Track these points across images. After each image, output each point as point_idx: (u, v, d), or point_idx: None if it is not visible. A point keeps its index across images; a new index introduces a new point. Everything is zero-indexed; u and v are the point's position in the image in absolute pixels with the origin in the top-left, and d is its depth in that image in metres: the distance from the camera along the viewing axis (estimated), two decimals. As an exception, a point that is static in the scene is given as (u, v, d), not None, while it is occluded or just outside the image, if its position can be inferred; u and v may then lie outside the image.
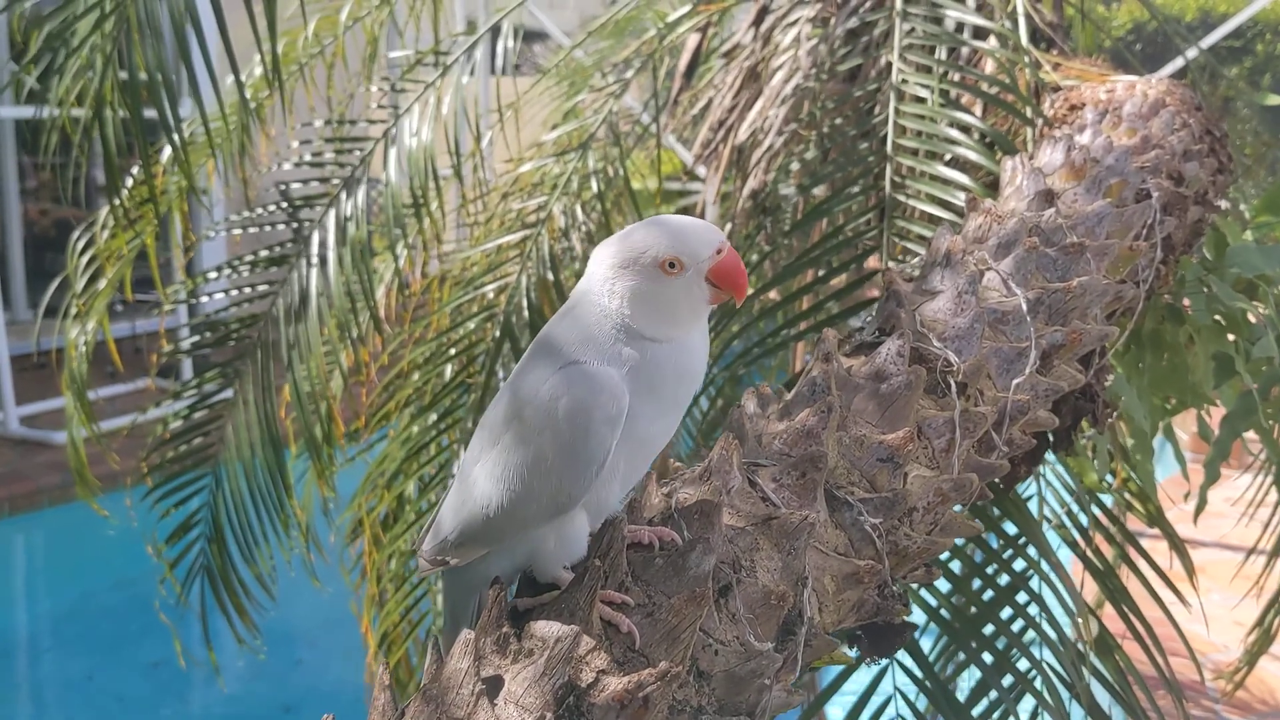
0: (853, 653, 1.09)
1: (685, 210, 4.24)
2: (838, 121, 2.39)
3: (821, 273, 2.09)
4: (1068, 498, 2.13)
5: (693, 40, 3.52)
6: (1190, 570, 2.13)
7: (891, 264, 1.63)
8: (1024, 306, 1.18)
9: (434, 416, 2.80)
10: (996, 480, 1.40)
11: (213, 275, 2.94)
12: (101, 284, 3.01)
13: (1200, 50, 3.58)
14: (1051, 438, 1.39)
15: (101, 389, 6.64)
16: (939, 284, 1.23)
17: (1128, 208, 1.44)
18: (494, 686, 0.79)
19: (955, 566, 1.95)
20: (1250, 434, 2.00)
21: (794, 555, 0.92)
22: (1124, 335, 1.47)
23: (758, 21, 3.08)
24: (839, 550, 0.96)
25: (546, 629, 0.81)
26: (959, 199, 1.83)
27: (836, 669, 1.82)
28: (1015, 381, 1.13)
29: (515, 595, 0.94)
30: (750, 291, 2.29)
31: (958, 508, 1.09)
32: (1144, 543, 2.36)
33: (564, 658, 0.78)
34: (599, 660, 0.81)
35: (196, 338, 3.00)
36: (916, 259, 1.46)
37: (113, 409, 5.98)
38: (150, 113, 1.97)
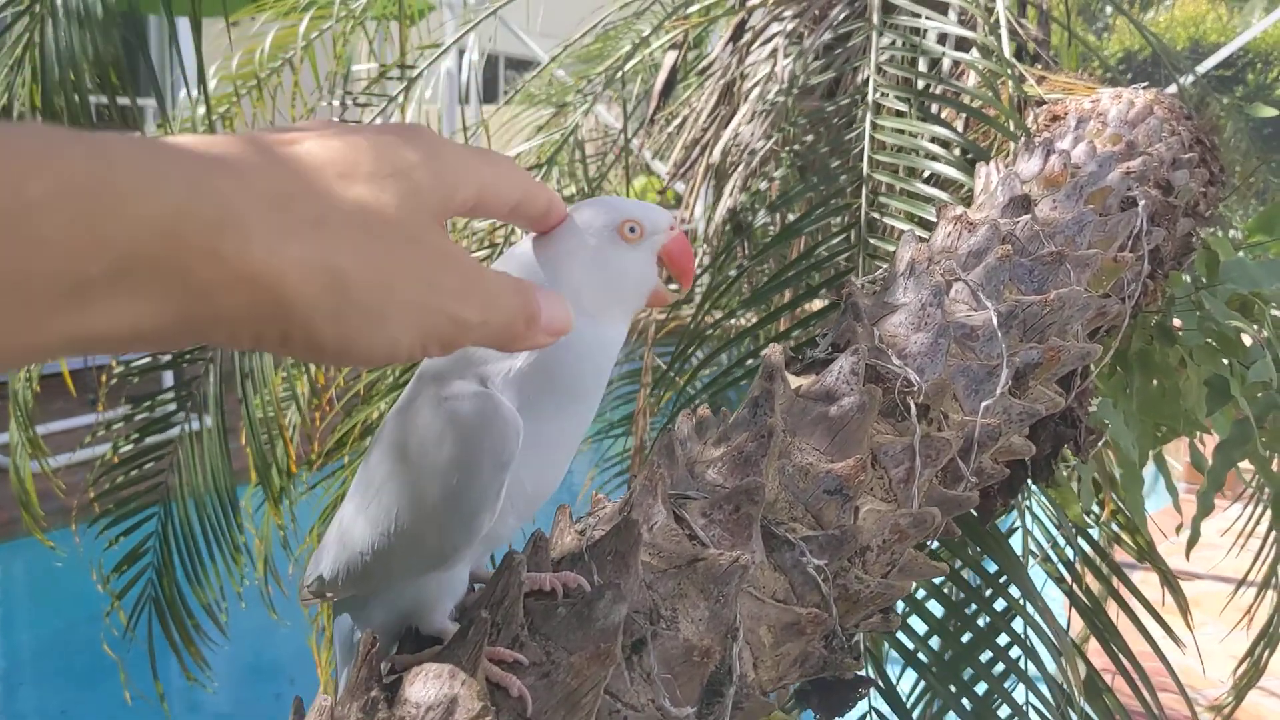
0: (805, 715, 0.97)
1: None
2: (809, 139, 2.28)
3: (801, 291, 1.98)
4: (1054, 531, 2.02)
5: (670, 58, 3.42)
6: (1184, 608, 2.00)
7: (854, 279, 1.51)
8: (994, 320, 1.05)
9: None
10: (973, 512, 1.27)
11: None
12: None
13: (1195, 74, 3.49)
14: (1030, 467, 1.27)
15: (83, 417, 6.49)
16: (901, 296, 1.11)
17: (1111, 216, 1.32)
18: (353, 764, 0.66)
19: (934, 607, 1.83)
20: (1244, 462, 1.90)
21: (723, 603, 0.79)
22: (1109, 354, 1.35)
23: (735, 38, 2.99)
24: (777, 596, 0.83)
25: (421, 692, 0.69)
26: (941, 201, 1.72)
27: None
28: (985, 404, 1.01)
29: (398, 650, 0.81)
30: (723, 312, 2.19)
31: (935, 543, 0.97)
32: (1135, 573, 2.25)
33: (437, 728, 0.66)
34: (481, 730, 0.68)
35: (147, 359, 2.88)
36: (880, 271, 1.34)
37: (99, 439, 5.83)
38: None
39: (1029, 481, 1.32)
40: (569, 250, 0.77)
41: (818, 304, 1.98)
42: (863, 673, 0.92)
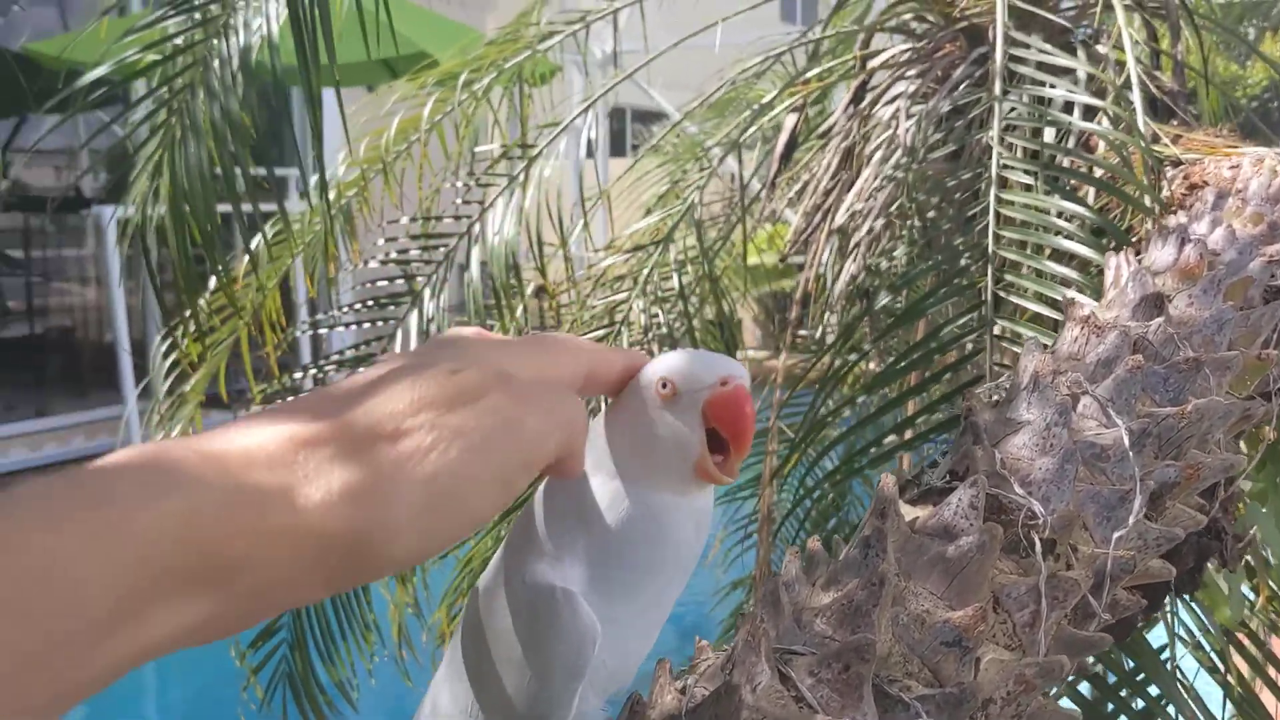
0: None
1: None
2: (932, 215, 2.22)
3: (927, 375, 1.91)
4: (1204, 616, 1.90)
5: (790, 120, 3.39)
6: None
7: (976, 388, 1.44)
8: (1126, 440, 0.99)
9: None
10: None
11: (298, 375, 2.89)
12: (187, 387, 2.98)
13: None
14: (1172, 582, 1.19)
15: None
16: (1024, 413, 1.05)
17: (1254, 309, 1.23)
18: None
19: (1065, 703, 1.74)
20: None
21: (833, 773, 0.75)
22: (1257, 460, 1.26)
23: (856, 100, 2.94)
24: (892, 762, 0.78)
25: None
26: (1068, 296, 1.64)
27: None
28: (1117, 535, 0.94)
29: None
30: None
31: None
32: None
33: None
34: None
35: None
36: (1004, 377, 1.28)
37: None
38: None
39: (1171, 593, 1.24)
40: (620, 409, 0.73)
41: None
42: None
